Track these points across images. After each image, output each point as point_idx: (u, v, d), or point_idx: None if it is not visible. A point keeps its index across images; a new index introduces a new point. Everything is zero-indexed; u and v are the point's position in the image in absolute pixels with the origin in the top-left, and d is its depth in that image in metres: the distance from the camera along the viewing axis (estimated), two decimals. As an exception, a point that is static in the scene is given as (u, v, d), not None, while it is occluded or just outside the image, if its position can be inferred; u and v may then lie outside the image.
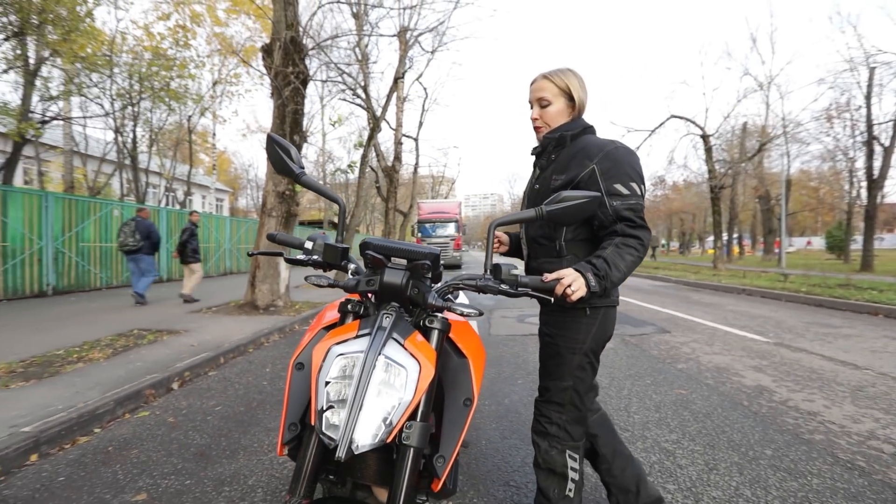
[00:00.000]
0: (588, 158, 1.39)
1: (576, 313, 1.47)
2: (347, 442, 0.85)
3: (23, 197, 8.26)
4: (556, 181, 1.45)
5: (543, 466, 1.54)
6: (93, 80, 12.72)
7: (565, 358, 1.50)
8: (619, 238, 1.34)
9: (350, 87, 13.22)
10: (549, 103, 1.49)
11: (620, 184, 1.34)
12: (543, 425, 1.54)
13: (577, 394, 1.51)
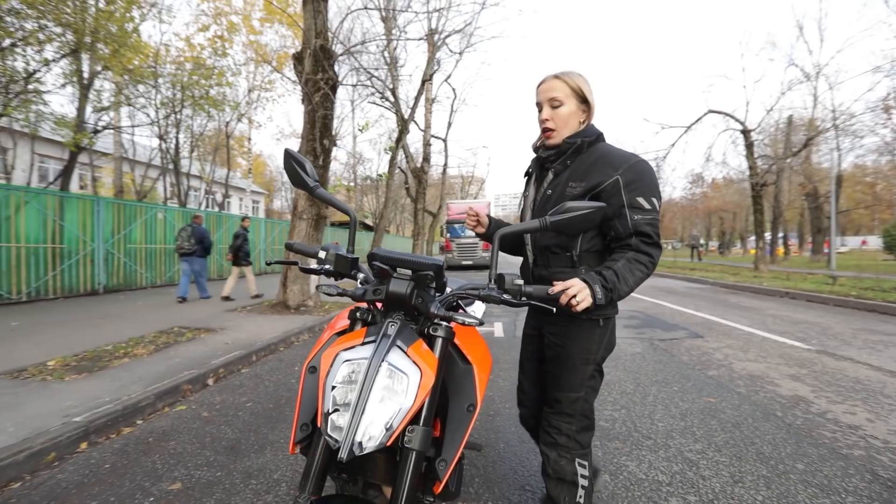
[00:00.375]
0: (612, 168, 1.37)
1: (590, 324, 1.46)
2: (350, 444, 0.90)
3: (77, 202, 8.88)
4: (575, 188, 1.42)
5: (553, 476, 1.54)
6: (139, 91, 13.51)
7: (579, 369, 1.49)
8: (633, 253, 1.34)
9: (378, 91, 13.43)
10: (560, 104, 1.44)
11: (643, 197, 1.34)
12: (553, 436, 1.54)
13: (588, 403, 1.52)
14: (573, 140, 1.45)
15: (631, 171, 1.36)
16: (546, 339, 1.58)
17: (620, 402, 3.25)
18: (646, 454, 2.45)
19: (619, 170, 1.37)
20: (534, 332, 1.67)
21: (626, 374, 3.98)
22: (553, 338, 1.54)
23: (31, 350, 4.35)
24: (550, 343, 1.56)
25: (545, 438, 1.57)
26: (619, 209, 1.36)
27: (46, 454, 2.42)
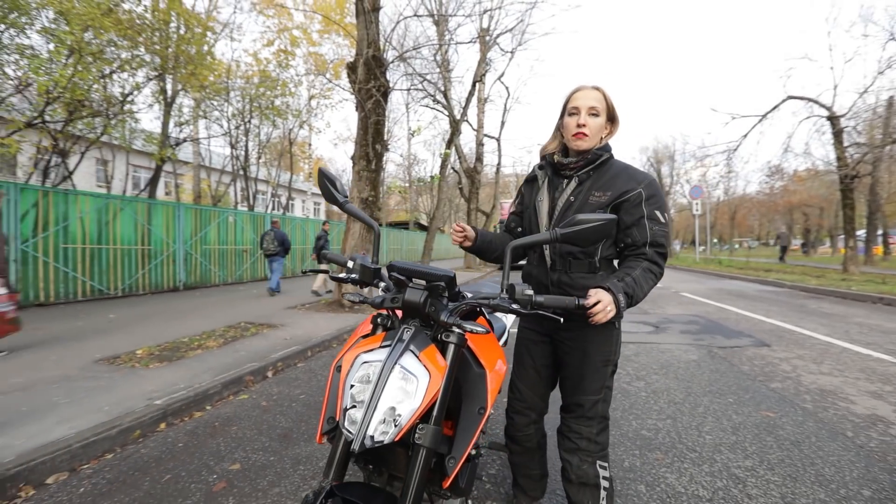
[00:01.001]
0: (636, 181, 1.48)
1: (607, 327, 1.52)
2: (362, 437, 1.00)
3: (162, 207, 9.92)
4: (600, 197, 1.48)
5: (576, 481, 1.56)
6: (214, 105, 14.78)
7: (601, 371, 1.55)
8: (647, 263, 1.45)
9: (430, 94, 13.67)
10: (597, 114, 1.50)
11: (659, 211, 1.46)
12: (574, 441, 1.56)
13: (606, 404, 1.58)
14: (601, 152, 1.53)
15: (651, 187, 1.48)
16: (564, 344, 1.60)
17: (667, 412, 3.13)
18: (688, 467, 2.36)
19: (642, 184, 1.48)
20: (541, 337, 1.68)
21: (676, 382, 3.80)
22: (572, 343, 1.56)
23: (124, 340, 4.96)
24: (570, 349, 1.57)
25: (566, 444, 1.59)
26: (640, 219, 1.46)
27: (133, 431, 2.79)
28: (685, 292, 11.00)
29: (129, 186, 15.82)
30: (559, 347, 1.62)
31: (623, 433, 2.78)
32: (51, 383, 3.46)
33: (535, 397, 1.73)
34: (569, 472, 1.58)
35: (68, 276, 7.85)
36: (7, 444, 2.42)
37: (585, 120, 1.49)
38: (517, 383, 1.77)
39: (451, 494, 1.29)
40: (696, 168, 34.01)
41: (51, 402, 3.06)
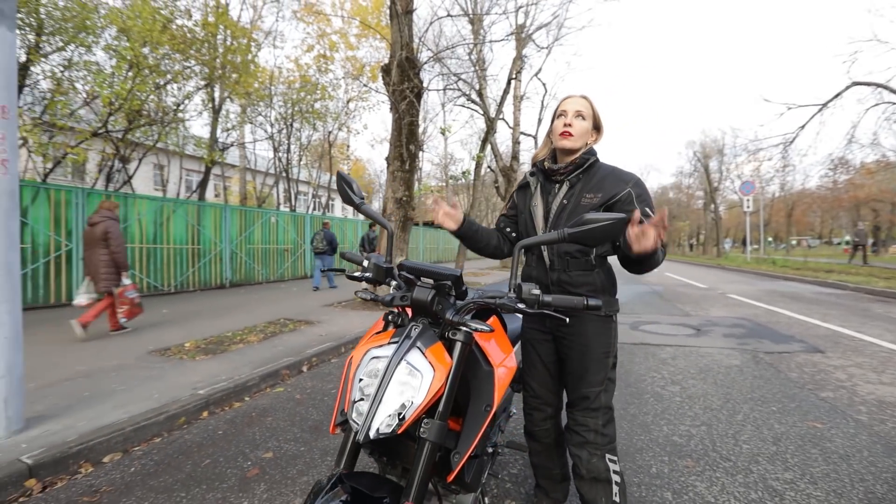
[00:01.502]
0: (624, 182, 1.56)
1: (605, 320, 1.62)
2: (367, 429, 1.04)
3: (210, 209, 10.51)
4: (593, 199, 1.56)
5: (587, 477, 1.58)
6: (258, 110, 15.48)
7: (603, 363, 1.61)
8: None
9: (465, 93, 13.68)
10: (583, 118, 1.60)
11: (649, 208, 1.55)
12: (582, 434, 1.59)
13: (609, 395, 1.63)
14: (587, 156, 1.62)
15: (638, 186, 1.57)
16: (565, 340, 1.64)
17: (702, 418, 3.00)
18: (720, 476, 2.26)
19: (630, 183, 1.56)
20: (544, 336, 1.73)
21: (714, 388, 3.63)
22: (574, 338, 1.62)
23: (175, 333, 5.31)
24: (573, 343, 1.62)
25: (574, 439, 1.62)
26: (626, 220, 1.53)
27: (178, 418, 2.99)
28: (733, 294, 10.43)
29: (182, 189, 16.86)
30: (561, 343, 1.67)
31: (652, 438, 2.70)
32: (110, 371, 3.77)
33: (549, 393, 1.77)
34: (580, 468, 1.59)
35: (128, 274, 8.48)
36: (71, 425, 2.67)
37: (572, 121, 1.58)
38: (529, 381, 1.81)
39: (457, 489, 1.32)
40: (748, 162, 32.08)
41: (109, 389, 3.34)
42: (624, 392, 3.54)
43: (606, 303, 1.61)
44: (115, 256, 5.17)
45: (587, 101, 1.61)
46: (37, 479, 2.24)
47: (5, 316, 2.53)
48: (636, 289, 11.52)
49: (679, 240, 58.43)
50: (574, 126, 1.57)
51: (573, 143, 1.58)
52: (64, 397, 3.14)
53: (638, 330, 6.04)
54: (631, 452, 2.52)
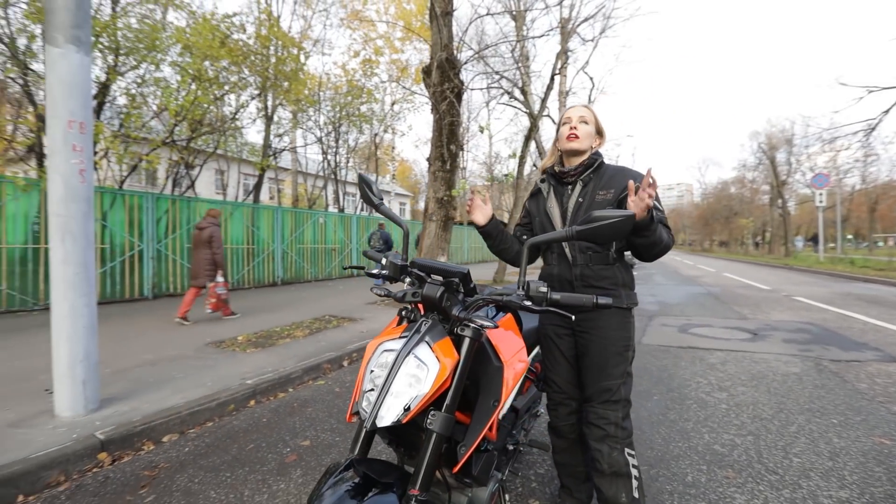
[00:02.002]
0: (631, 178, 1.58)
1: (624, 313, 1.67)
2: (373, 417, 1.10)
3: (264, 211, 11.15)
4: (606, 195, 1.65)
5: (609, 472, 1.60)
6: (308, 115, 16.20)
7: (623, 356, 1.65)
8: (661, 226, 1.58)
9: (507, 91, 13.56)
10: (587, 123, 1.71)
11: (657, 201, 1.58)
12: (603, 427, 1.61)
13: (629, 388, 1.67)
14: (595, 157, 1.73)
15: None
16: (586, 333, 1.68)
17: (749, 428, 2.82)
18: (764, 490, 2.12)
19: (638, 180, 1.61)
20: (564, 330, 1.76)
21: (768, 396, 3.39)
22: (596, 331, 1.65)
23: (230, 327, 5.71)
24: (592, 337, 1.66)
25: (595, 433, 1.63)
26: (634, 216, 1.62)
27: (228, 405, 3.23)
28: (800, 296, 9.63)
29: (240, 192, 17.98)
30: (581, 337, 1.70)
31: (691, 446, 2.57)
32: (171, 360, 4.13)
33: (573, 387, 1.79)
34: (600, 463, 1.60)
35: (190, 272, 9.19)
36: (137, 407, 2.96)
37: (577, 125, 1.69)
38: (551, 377, 1.83)
39: (468, 481, 1.35)
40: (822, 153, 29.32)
41: (170, 376, 3.66)
42: (665, 397, 3.40)
43: (627, 296, 1.68)
44: (215, 256, 6.13)
45: (589, 110, 1.74)
46: (107, 453, 2.51)
47: (84, 308, 2.85)
48: (689, 290, 10.93)
49: (742, 238, 54.46)
50: (579, 129, 1.68)
51: (580, 144, 1.68)
52: (132, 382, 3.49)
53: (687, 333, 5.74)
54: (666, 459, 2.42)
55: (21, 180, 6.72)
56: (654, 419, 2.97)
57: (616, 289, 1.66)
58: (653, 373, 4.02)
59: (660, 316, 7.04)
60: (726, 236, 55.75)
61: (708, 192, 58.54)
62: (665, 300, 9.00)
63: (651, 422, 2.93)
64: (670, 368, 4.14)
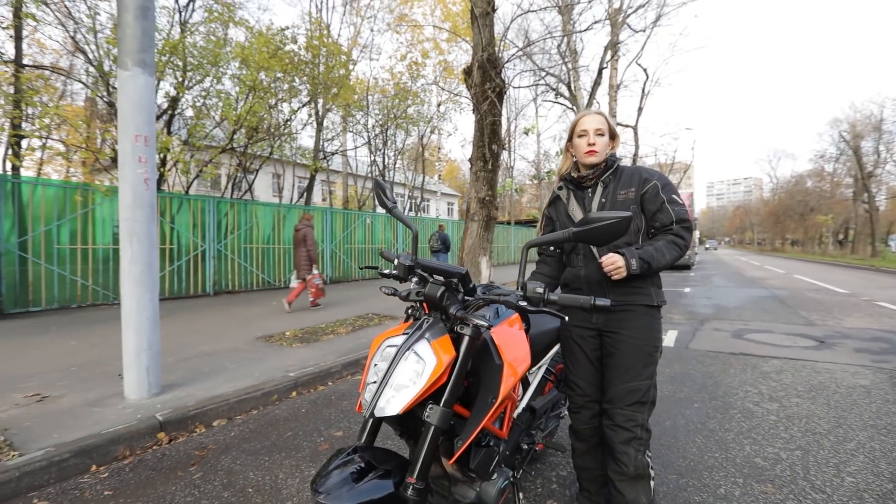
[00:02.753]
0: (650, 176, 1.70)
1: (653, 311, 1.68)
2: (372, 407, 1.17)
3: (314, 213, 11.70)
4: (628, 193, 1.68)
5: (634, 474, 1.60)
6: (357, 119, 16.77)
7: (653, 356, 1.66)
8: (672, 236, 1.63)
9: (552, 88, 13.28)
10: (603, 134, 1.71)
11: (675, 195, 1.67)
12: (631, 430, 1.60)
13: (657, 391, 1.69)
14: (614, 159, 1.75)
15: (662, 178, 1.70)
16: (615, 334, 1.67)
17: (798, 442, 2.62)
18: (805, 508, 1.98)
19: (654, 177, 1.69)
20: (589, 332, 1.75)
21: (826, 409, 3.13)
22: (625, 331, 1.65)
23: (279, 323, 6.07)
24: (621, 338, 1.65)
25: (622, 436, 1.61)
26: (662, 205, 1.66)
27: (271, 395, 3.46)
28: (883, 301, 8.69)
29: (295, 195, 18.97)
30: (608, 338, 1.70)
31: (728, 457, 2.44)
32: (225, 352, 4.48)
33: (596, 390, 1.77)
34: (627, 466, 1.59)
35: (247, 270, 9.85)
36: (192, 394, 3.26)
37: (594, 139, 1.69)
38: (574, 379, 1.82)
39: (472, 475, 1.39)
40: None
41: (223, 366, 3.98)
42: (707, 405, 3.23)
43: (656, 294, 1.69)
44: (310, 253, 7.13)
45: (602, 117, 1.73)
46: (165, 433, 2.79)
47: (147, 302, 3.18)
48: (751, 293, 10.18)
49: (820, 237, 49.60)
50: (597, 144, 1.69)
51: (598, 158, 1.70)
52: (190, 371, 3.83)
53: (741, 339, 5.38)
54: (698, 469, 2.31)
55: (103, 187, 7.53)
56: (690, 427, 2.84)
57: (645, 287, 1.67)
58: (696, 379, 3.82)
59: (713, 320, 6.63)
60: (801, 235, 51.08)
61: (780, 186, 53.99)
62: (722, 303, 8.46)
63: (687, 430, 2.80)
64: (717, 375, 3.92)
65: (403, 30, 18.78)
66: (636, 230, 1.68)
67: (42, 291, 6.81)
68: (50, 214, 6.94)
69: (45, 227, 6.87)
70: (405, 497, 1.17)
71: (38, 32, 12.81)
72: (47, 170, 15.81)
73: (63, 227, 7.14)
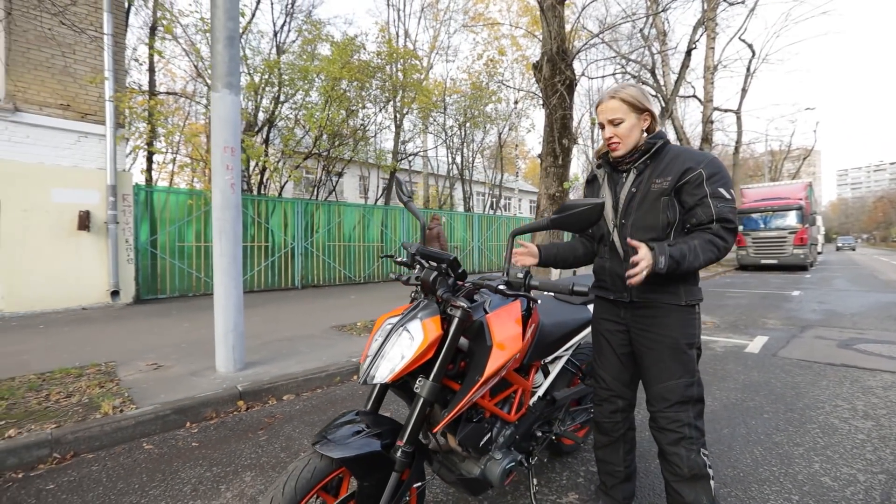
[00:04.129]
0: (695, 162, 1.50)
1: (688, 310, 1.56)
2: (366, 375, 1.33)
3: (392, 211, 12.35)
4: (662, 183, 1.52)
5: (689, 475, 1.52)
6: (434, 119, 17.30)
7: (689, 355, 1.55)
8: (711, 235, 1.45)
9: (633, 75, 12.48)
10: (621, 121, 1.56)
11: (724, 188, 1.46)
12: (677, 431, 1.53)
13: (701, 388, 1.57)
14: (653, 141, 1.57)
15: (712, 166, 1.48)
16: (647, 332, 1.59)
17: (886, 465, 2.27)
18: (870, 534, 1.74)
19: (702, 164, 1.49)
20: (617, 326, 1.70)
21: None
22: (656, 329, 1.57)
23: (353, 314, 6.59)
24: (654, 335, 1.57)
25: (668, 437, 1.55)
26: (702, 199, 1.47)
27: (335, 377, 3.82)
28: None
29: (379, 196, 20.12)
30: (639, 336, 1.62)
31: (788, 472, 2.20)
32: (302, 339, 5.00)
33: (621, 385, 1.74)
34: (680, 467, 1.52)
35: (331, 266, 10.74)
36: (268, 371, 3.73)
37: (611, 131, 1.57)
38: (599, 372, 1.79)
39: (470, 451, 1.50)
40: None
41: (297, 350, 4.46)
42: (779, 416, 2.91)
43: (687, 292, 1.56)
44: (443, 248, 8.30)
45: (616, 100, 1.56)
46: (244, 402, 3.25)
47: (233, 290, 3.71)
48: (880, 298, 8.66)
49: None
50: (617, 134, 1.56)
51: (624, 150, 1.58)
52: (271, 352, 4.36)
53: (849, 349, 4.66)
54: (747, 482, 2.13)
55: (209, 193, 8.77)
56: (752, 438, 2.59)
57: (674, 285, 1.54)
58: (774, 389, 3.43)
59: (818, 327, 5.80)
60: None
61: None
62: (836, 309, 7.33)
63: (747, 440, 2.57)
64: (802, 387, 3.47)
65: (479, 29, 18.90)
66: (664, 224, 1.52)
67: (168, 282, 8.15)
68: (175, 217, 8.27)
69: (170, 227, 8.19)
70: (393, 458, 1.32)
71: (170, 64, 15.22)
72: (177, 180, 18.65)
73: (185, 228, 8.45)
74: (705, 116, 18.18)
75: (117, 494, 2.12)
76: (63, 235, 6.81)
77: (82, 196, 6.97)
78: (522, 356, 1.67)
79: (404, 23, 17.84)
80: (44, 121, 6.66)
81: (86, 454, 2.55)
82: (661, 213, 1.52)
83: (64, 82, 6.82)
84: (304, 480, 1.23)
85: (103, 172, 7.12)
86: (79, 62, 6.95)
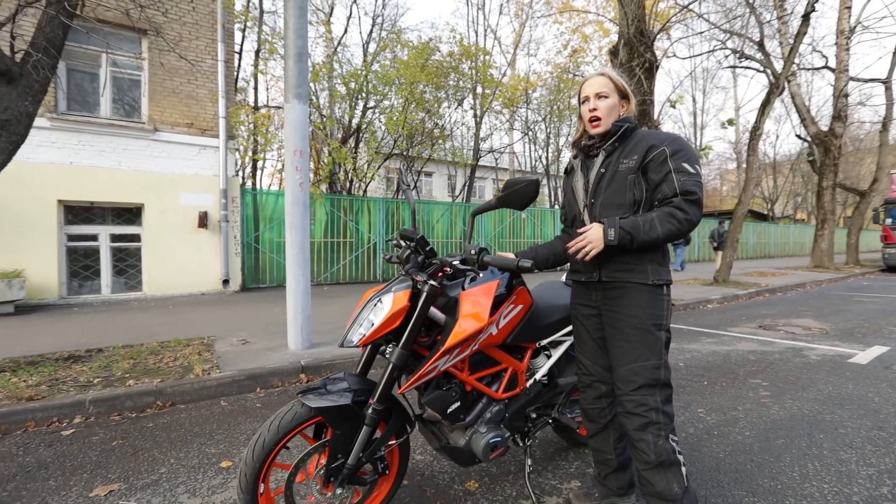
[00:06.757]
0: (658, 141, 1.53)
1: (654, 290, 1.55)
2: (343, 339, 1.52)
3: (467, 207, 12.57)
4: (629, 163, 1.55)
5: (657, 462, 1.49)
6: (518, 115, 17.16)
7: (655, 336, 1.53)
8: (671, 207, 1.46)
9: (734, 50, 11.05)
10: (606, 96, 1.60)
11: (688, 163, 1.49)
12: (643, 415, 1.50)
13: (669, 371, 1.56)
14: (620, 124, 1.60)
15: (674, 143, 1.52)
16: (611, 313, 1.60)
17: None
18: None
19: (665, 142, 1.53)
20: (591, 311, 1.70)
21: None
22: (620, 310, 1.57)
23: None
24: (619, 316, 1.57)
25: (634, 422, 1.52)
26: (667, 174, 1.50)
27: (387, 359, 4.13)
28: None
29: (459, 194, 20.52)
30: (606, 318, 1.62)
31: (841, 492, 1.92)
32: (368, 324, 5.42)
33: (601, 370, 1.72)
34: (647, 454, 1.49)
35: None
36: (330, 351, 4.16)
37: (595, 104, 1.59)
38: (580, 357, 1.79)
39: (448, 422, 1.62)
40: None
41: (360, 334, 4.87)
42: (856, 433, 2.51)
43: (654, 272, 1.55)
44: None
45: (605, 78, 1.61)
46: (305, 375, 3.69)
47: (301, 277, 4.19)
48: None
49: None
50: (600, 108, 1.59)
51: (605, 126, 1.60)
52: (336, 335, 4.82)
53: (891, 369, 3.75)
54: (783, 494, 1.91)
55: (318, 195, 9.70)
56: (810, 452, 2.28)
57: (641, 263, 1.54)
58: (867, 404, 2.93)
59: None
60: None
61: None
62: None
63: (804, 454, 2.27)
64: (870, 398, 2.92)
65: (565, 18, 18.24)
66: (631, 202, 1.53)
67: (267, 273, 9.31)
68: (274, 216, 9.40)
69: (271, 225, 9.34)
70: (363, 414, 1.50)
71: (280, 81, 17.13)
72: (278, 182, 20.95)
73: (282, 226, 9.56)
74: (837, 90, 15.43)
75: (193, 436, 2.61)
76: (188, 233, 8.18)
77: (202, 199, 8.30)
78: (504, 335, 1.73)
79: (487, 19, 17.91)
80: (175, 137, 8.07)
81: (179, 405, 3.14)
82: (627, 191, 1.53)
83: (188, 104, 8.19)
84: (286, 422, 1.46)
85: (217, 178, 8.40)
86: (199, 87, 8.27)
